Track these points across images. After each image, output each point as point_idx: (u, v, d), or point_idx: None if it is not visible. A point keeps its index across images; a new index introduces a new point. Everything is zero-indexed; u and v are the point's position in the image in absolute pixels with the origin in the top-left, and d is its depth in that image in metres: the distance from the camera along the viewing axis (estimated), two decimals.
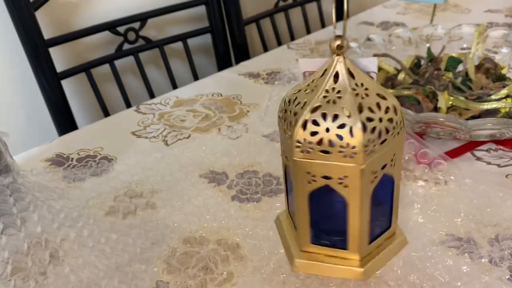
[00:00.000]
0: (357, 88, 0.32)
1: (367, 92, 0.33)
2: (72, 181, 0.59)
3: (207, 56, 1.18)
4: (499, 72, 0.69)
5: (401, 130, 0.34)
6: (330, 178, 0.34)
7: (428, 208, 0.50)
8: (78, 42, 0.93)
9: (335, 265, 0.38)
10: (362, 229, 0.36)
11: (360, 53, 0.77)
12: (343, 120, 0.31)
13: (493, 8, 1.14)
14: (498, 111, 0.60)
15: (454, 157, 0.58)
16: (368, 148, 0.32)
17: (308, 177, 0.34)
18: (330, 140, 0.32)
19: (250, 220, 0.50)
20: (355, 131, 0.31)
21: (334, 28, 0.69)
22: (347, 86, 0.32)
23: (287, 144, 0.35)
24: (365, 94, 0.33)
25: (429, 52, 0.76)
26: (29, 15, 0.81)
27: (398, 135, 0.34)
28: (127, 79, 1.05)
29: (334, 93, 0.32)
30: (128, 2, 1.00)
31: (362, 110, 0.32)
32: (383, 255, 0.40)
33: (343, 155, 0.32)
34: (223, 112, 0.74)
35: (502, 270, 0.42)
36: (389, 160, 0.35)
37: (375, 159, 0.33)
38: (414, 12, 1.17)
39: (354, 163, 0.32)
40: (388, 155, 0.34)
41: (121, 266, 0.45)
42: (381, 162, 0.34)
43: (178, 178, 0.58)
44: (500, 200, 0.51)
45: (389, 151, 0.34)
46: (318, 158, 0.33)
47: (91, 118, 1.03)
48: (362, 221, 0.36)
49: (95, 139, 0.68)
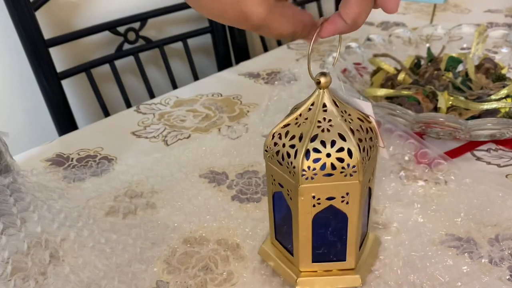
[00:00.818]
0: (343, 115, 0.37)
1: (351, 117, 0.37)
2: (72, 181, 0.59)
3: (207, 56, 1.18)
4: (499, 72, 0.69)
5: (377, 148, 0.39)
6: (334, 198, 0.37)
7: (428, 208, 0.50)
8: (78, 42, 0.93)
9: (334, 277, 0.41)
10: (357, 239, 0.40)
11: (360, 53, 0.77)
12: (341, 144, 0.35)
13: (493, 8, 1.15)
14: (498, 111, 0.60)
15: (454, 157, 0.58)
16: (364, 165, 0.36)
17: (313, 201, 0.37)
18: (332, 164, 0.35)
19: (250, 220, 0.50)
20: (353, 153, 0.35)
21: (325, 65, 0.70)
22: (335, 115, 0.36)
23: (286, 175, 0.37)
24: (350, 119, 0.37)
25: (429, 52, 0.76)
26: (29, 15, 0.81)
27: (376, 150, 0.39)
28: (127, 79, 1.05)
29: (326, 122, 0.36)
30: (128, 2, 1.01)
31: (354, 133, 0.36)
32: (369, 259, 0.44)
33: (344, 174, 0.36)
34: (223, 112, 0.74)
35: (502, 270, 0.42)
36: (371, 174, 0.40)
37: (367, 174, 0.38)
38: (414, 12, 1.17)
39: (354, 180, 0.36)
40: (371, 170, 0.39)
41: (121, 266, 0.45)
42: (368, 176, 0.39)
43: (178, 178, 0.58)
44: (500, 200, 0.51)
45: (372, 167, 0.39)
46: (323, 182, 0.36)
47: (91, 118, 1.03)
48: (358, 231, 0.39)
49: (95, 139, 0.68)
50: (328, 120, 0.36)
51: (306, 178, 0.36)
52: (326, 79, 0.36)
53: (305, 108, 0.37)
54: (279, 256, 0.43)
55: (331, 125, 0.36)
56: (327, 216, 0.39)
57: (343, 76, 0.70)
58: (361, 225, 0.40)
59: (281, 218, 0.42)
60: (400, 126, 0.60)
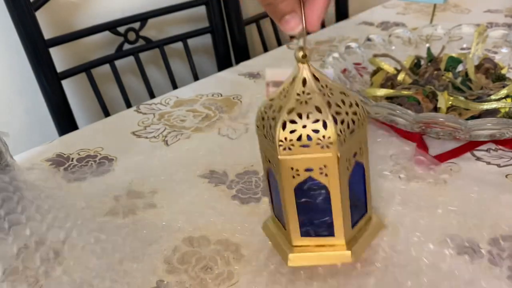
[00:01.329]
0: (322, 89, 0.38)
1: (331, 92, 0.38)
2: (72, 181, 0.59)
3: (207, 56, 1.18)
4: (499, 72, 0.69)
5: (364, 122, 0.40)
6: (312, 170, 0.39)
7: (428, 208, 0.50)
8: (79, 42, 0.93)
9: (325, 253, 0.42)
10: (344, 214, 0.41)
11: (360, 53, 0.77)
12: (316, 116, 0.37)
13: (493, 8, 1.15)
14: (498, 111, 0.60)
15: (453, 157, 0.58)
16: (340, 137, 0.37)
17: (292, 172, 0.39)
18: (308, 135, 0.37)
19: (250, 220, 0.50)
20: (328, 124, 0.37)
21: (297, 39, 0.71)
22: (314, 88, 0.38)
23: (270, 147, 0.39)
24: (330, 93, 0.38)
25: (429, 52, 0.76)
26: (29, 15, 0.81)
27: (363, 126, 0.40)
28: (127, 79, 1.05)
29: (304, 95, 0.38)
30: (128, 2, 1.01)
31: (330, 106, 0.37)
32: (365, 237, 0.45)
33: (321, 146, 0.37)
34: (223, 112, 0.74)
35: (502, 270, 0.42)
36: (358, 148, 0.41)
37: (347, 148, 0.39)
38: (414, 12, 1.17)
39: (331, 152, 0.37)
40: (356, 144, 0.40)
41: (121, 266, 0.45)
42: (352, 150, 0.40)
43: (178, 178, 0.58)
44: (500, 200, 0.51)
45: (357, 141, 0.40)
46: (300, 153, 0.38)
47: (92, 118, 1.03)
48: (344, 205, 0.40)
49: (96, 139, 0.68)
50: (307, 94, 0.38)
51: (284, 148, 0.38)
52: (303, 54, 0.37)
53: (288, 82, 0.39)
54: (278, 233, 0.45)
55: (310, 98, 0.37)
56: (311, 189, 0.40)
57: (343, 76, 0.70)
58: (347, 201, 0.41)
59: (276, 194, 0.43)
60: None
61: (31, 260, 0.46)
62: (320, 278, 0.43)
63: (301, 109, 0.37)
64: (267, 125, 0.39)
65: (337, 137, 0.37)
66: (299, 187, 0.40)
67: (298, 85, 0.38)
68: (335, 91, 0.39)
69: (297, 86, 0.38)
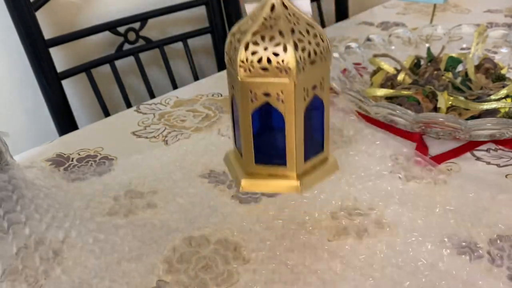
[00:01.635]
0: (289, 17, 0.39)
1: (297, 21, 0.40)
2: (72, 181, 0.59)
3: (207, 56, 1.18)
4: (499, 72, 0.69)
5: (328, 56, 0.42)
6: (269, 95, 0.41)
7: (427, 208, 0.50)
8: (79, 42, 0.93)
9: (276, 181, 0.45)
10: (297, 144, 0.42)
11: (360, 53, 0.77)
12: (278, 40, 0.38)
13: (493, 8, 1.15)
14: (497, 111, 0.60)
15: (453, 157, 0.58)
16: (299, 65, 0.38)
17: (251, 95, 0.41)
18: (268, 57, 0.39)
19: (249, 219, 0.50)
20: (288, 48, 0.38)
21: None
22: (281, 15, 0.39)
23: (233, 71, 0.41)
24: (296, 22, 0.40)
25: (428, 52, 0.76)
26: (29, 15, 0.81)
27: (325, 61, 0.42)
28: (127, 79, 1.05)
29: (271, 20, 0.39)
30: (128, 2, 1.01)
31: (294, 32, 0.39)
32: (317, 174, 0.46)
33: (279, 70, 0.39)
34: (223, 112, 0.74)
35: (502, 270, 0.42)
36: (319, 82, 0.42)
37: (306, 78, 0.40)
38: (414, 12, 1.17)
39: (288, 78, 0.39)
40: (317, 77, 0.42)
41: (120, 266, 0.45)
42: (311, 81, 0.41)
43: (178, 178, 0.58)
44: (499, 200, 0.51)
45: (318, 74, 0.42)
46: (259, 76, 0.39)
47: (92, 118, 1.03)
48: (298, 136, 0.42)
49: (96, 139, 0.68)
50: (274, 19, 0.39)
51: (244, 70, 0.39)
52: None
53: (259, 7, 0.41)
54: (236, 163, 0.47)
55: (275, 23, 0.39)
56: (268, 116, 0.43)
57: (343, 76, 0.70)
58: (301, 132, 0.43)
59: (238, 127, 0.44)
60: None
61: (30, 260, 0.46)
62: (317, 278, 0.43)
63: (265, 32, 0.39)
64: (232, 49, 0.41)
65: (296, 64, 0.38)
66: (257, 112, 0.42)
67: (266, 10, 0.40)
68: (302, 21, 0.40)
69: (265, 11, 0.40)
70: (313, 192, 0.53)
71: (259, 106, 0.41)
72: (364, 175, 0.56)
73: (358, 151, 0.61)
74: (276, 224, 0.49)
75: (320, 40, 0.41)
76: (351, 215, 0.50)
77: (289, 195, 0.52)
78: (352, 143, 0.63)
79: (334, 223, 0.49)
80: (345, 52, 0.75)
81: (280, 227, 0.49)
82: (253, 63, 0.39)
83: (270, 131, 0.44)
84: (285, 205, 0.51)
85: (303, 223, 0.49)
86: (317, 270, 0.44)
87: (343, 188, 0.54)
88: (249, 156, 0.44)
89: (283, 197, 0.53)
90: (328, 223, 0.49)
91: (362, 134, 0.65)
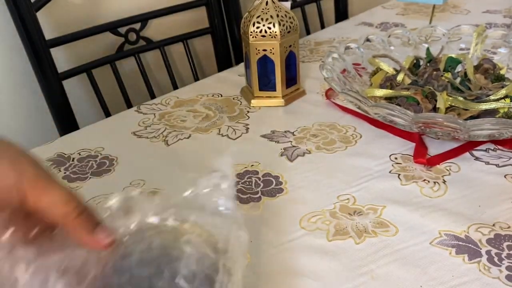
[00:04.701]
0: (276, 9, 0.71)
1: (280, 10, 0.72)
2: (73, 181, 0.59)
3: (208, 57, 1.18)
4: (498, 73, 0.69)
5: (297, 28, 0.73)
6: (266, 50, 0.71)
7: (427, 208, 0.51)
8: (79, 43, 0.93)
9: (271, 100, 0.75)
10: (282, 78, 0.73)
11: (359, 54, 0.77)
12: (270, 20, 0.70)
13: (492, 8, 1.15)
14: (496, 111, 0.61)
15: (452, 157, 0.59)
16: (282, 33, 0.70)
17: (256, 51, 0.72)
18: (265, 30, 0.70)
19: (250, 219, 0.51)
20: (275, 25, 0.70)
21: None
22: (271, 7, 0.71)
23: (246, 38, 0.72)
24: (280, 10, 0.72)
25: (428, 53, 0.76)
26: (30, 15, 0.81)
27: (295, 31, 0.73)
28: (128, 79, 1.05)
29: (266, 9, 0.71)
30: (129, 3, 1.01)
31: (278, 16, 0.71)
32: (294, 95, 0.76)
33: (271, 37, 0.70)
34: (223, 112, 0.74)
35: (502, 270, 0.43)
36: (292, 43, 0.73)
37: (285, 41, 0.71)
38: (413, 13, 1.17)
39: (276, 41, 0.70)
40: (291, 41, 0.73)
41: None
42: (288, 43, 0.72)
43: (179, 178, 0.58)
44: (499, 200, 0.51)
45: (292, 39, 0.73)
46: (260, 40, 0.71)
47: (92, 118, 1.03)
48: (282, 73, 0.73)
49: (96, 139, 0.69)
50: (267, 9, 0.70)
51: (253, 37, 0.71)
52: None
53: (259, 3, 0.72)
54: (247, 92, 0.77)
55: (268, 11, 0.70)
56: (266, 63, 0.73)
57: (343, 76, 0.70)
58: (284, 71, 0.73)
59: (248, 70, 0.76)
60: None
61: None
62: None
63: (263, 16, 0.70)
64: (245, 25, 0.72)
65: (280, 33, 0.70)
66: (259, 60, 0.72)
67: (263, 4, 0.71)
68: (282, 10, 0.71)
69: (263, 5, 0.71)
70: (313, 192, 0.54)
71: (260, 57, 0.72)
72: (364, 175, 0.57)
73: (357, 151, 0.61)
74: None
75: (293, 20, 0.72)
76: (351, 215, 0.50)
77: (289, 195, 0.52)
78: (352, 143, 0.63)
79: (334, 223, 0.49)
80: (345, 53, 0.75)
81: None
82: (257, 33, 0.70)
83: (267, 71, 0.74)
84: (286, 206, 0.51)
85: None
86: (317, 270, 0.44)
87: (343, 188, 0.54)
88: (255, 86, 0.74)
89: (284, 197, 0.53)
90: (328, 223, 0.49)
91: (362, 134, 0.65)
